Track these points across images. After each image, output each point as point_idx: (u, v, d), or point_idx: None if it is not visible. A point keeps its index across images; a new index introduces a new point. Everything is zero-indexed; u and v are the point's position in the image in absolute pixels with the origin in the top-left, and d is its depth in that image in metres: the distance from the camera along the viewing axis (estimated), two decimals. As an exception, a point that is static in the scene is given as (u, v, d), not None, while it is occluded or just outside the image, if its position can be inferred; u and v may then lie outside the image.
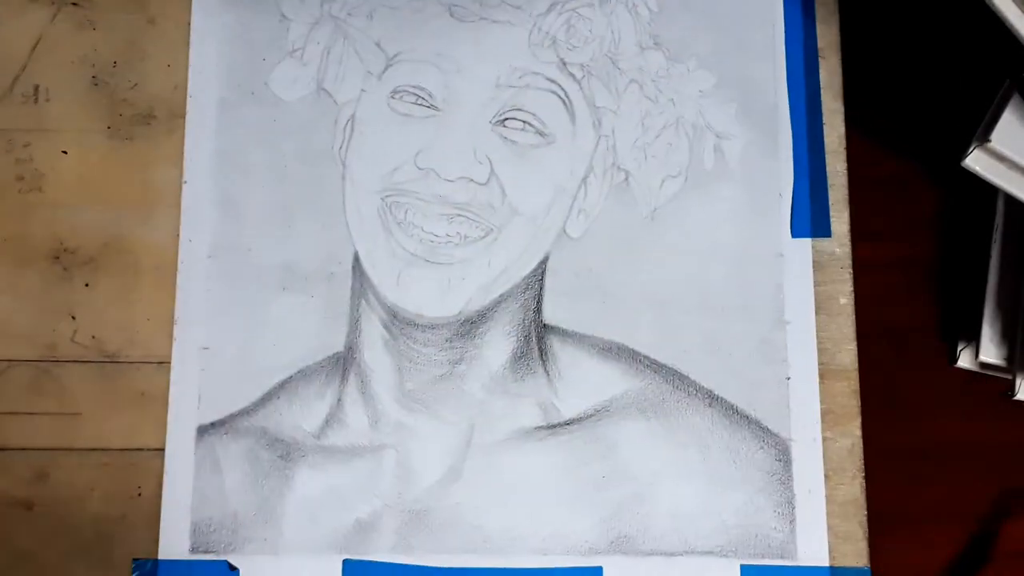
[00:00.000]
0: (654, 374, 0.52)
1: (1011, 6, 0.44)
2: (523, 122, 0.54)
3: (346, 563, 0.50)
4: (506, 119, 0.54)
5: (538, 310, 0.53)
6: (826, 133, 0.54)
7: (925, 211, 0.56)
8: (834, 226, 0.53)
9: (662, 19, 0.56)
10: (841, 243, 0.53)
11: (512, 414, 0.52)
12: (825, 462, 0.51)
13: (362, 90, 0.55)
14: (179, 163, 0.54)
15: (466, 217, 0.53)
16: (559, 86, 0.55)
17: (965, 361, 0.53)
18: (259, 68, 0.55)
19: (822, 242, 0.53)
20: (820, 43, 0.55)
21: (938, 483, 0.53)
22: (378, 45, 0.55)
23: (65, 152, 0.54)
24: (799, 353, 0.52)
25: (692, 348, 0.52)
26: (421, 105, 0.54)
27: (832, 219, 0.53)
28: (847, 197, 0.54)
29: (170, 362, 0.52)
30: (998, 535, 0.52)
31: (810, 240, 0.53)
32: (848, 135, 0.54)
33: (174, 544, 0.50)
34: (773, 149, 0.54)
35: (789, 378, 0.52)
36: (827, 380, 0.52)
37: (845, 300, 0.53)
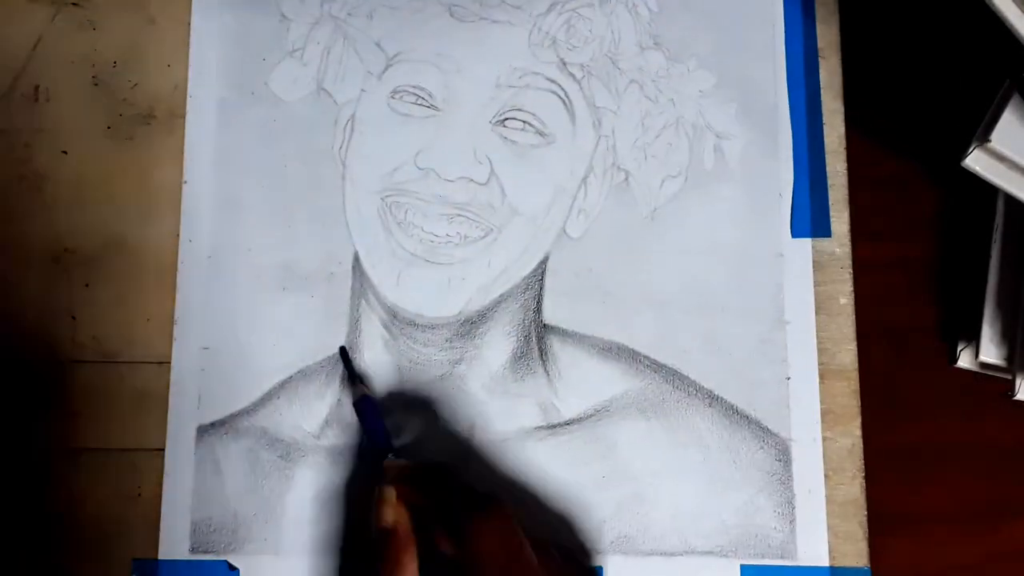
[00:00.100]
0: (654, 374, 0.52)
1: (1011, 6, 0.44)
2: (523, 122, 0.54)
3: (346, 563, 0.50)
4: (506, 119, 0.54)
5: (538, 310, 0.53)
6: (826, 133, 0.54)
7: (925, 211, 0.56)
8: (834, 226, 0.53)
9: (662, 19, 0.56)
10: (841, 243, 0.53)
11: (512, 414, 0.52)
12: (825, 462, 0.51)
13: (362, 90, 0.55)
14: (179, 163, 0.54)
15: (466, 217, 0.53)
16: (559, 86, 0.54)
17: (965, 361, 0.53)
18: (259, 68, 0.55)
19: (822, 242, 0.53)
20: (820, 43, 0.55)
21: (938, 483, 0.53)
22: (378, 45, 0.55)
23: (65, 152, 0.54)
24: (799, 353, 0.52)
25: (692, 348, 0.52)
26: (421, 105, 0.54)
27: (832, 219, 0.53)
28: (847, 197, 0.54)
29: (170, 362, 0.52)
30: (998, 535, 0.52)
31: (810, 240, 0.53)
32: (848, 135, 0.54)
33: (174, 544, 0.50)
34: (773, 149, 0.54)
35: (789, 378, 0.52)
36: (827, 380, 0.52)
37: (845, 300, 0.53)
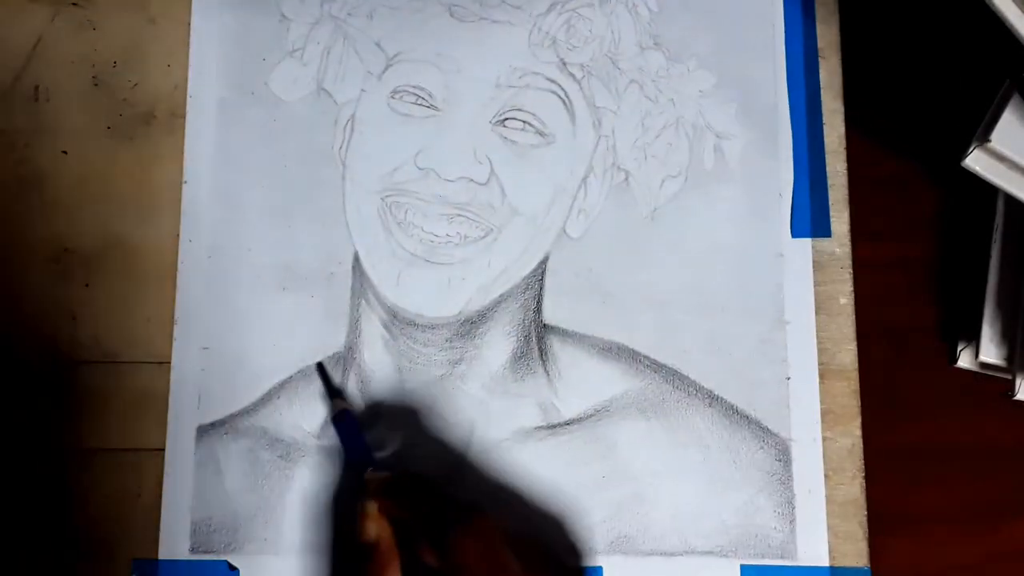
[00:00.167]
0: (654, 374, 0.52)
1: (1011, 6, 0.44)
2: (523, 122, 0.54)
3: (346, 563, 0.50)
4: (506, 119, 0.54)
5: (538, 310, 0.53)
6: (826, 133, 0.54)
7: (925, 211, 0.56)
8: (834, 226, 0.53)
9: (662, 19, 0.56)
10: (841, 243, 0.53)
11: (512, 414, 0.52)
12: (825, 462, 0.51)
13: (362, 90, 0.55)
14: (179, 163, 0.54)
15: (466, 217, 0.53)
16: (559, 86, 0.54)
17: (965, 361, 0.53)
18: (259, 68, 0.55)
19: (822, 242, 0.53)
20: (820, 43, 0.55)
21: (938, 483, 0.53)
22: (378, 45, 0.55)
23: (65, 152, 0.54)
24: (799, 353, 0.52)
25: (692, 348, 0.52)
26: (421, 105, 0.54)
27: (832, 219, 0.53)
28: (847, 197, 0.54)
29: (170, 362, 0.52)
30: (998, 535, 0.52)
31: (810, 240, 0.53)
32: (848, 135, 0.54)
33: (174, 544, 0.50)
34: (773, 149, 0.54)
35: (789, 378, 0.52)
36: (827, 380, 0.52)
37: (845, 300, 0.53)
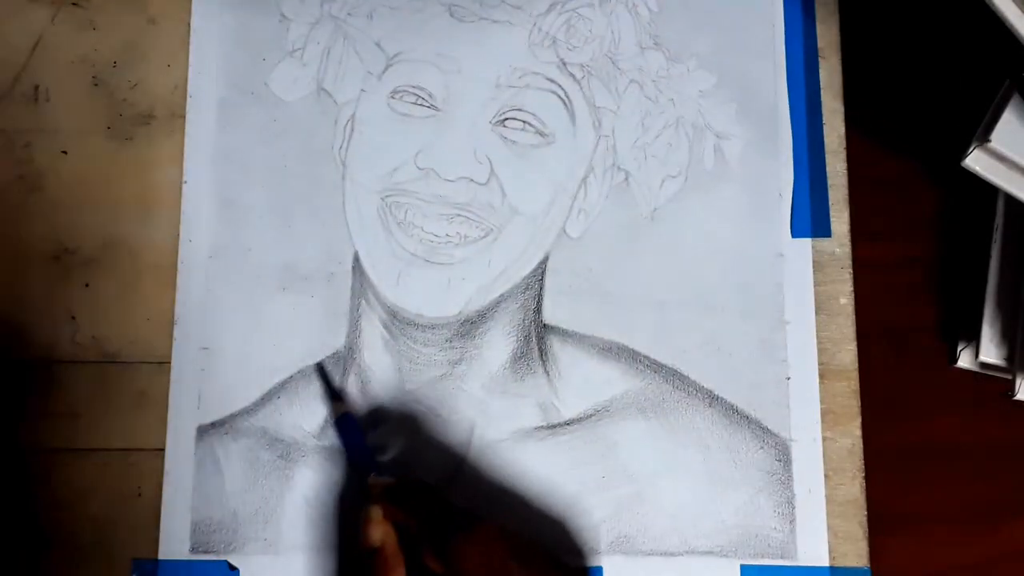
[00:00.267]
0: (654, 374, 0.52)
1: (1011, 6, 0.44)
2: (523, 122, 0.54)
3: (346, 563, 0.50)
4: (506, 119, 0.54)
5: (538, 310, 0.53)
6: (826, 133, 0.54)
7: (925, 211, 0.56)
8: (834, 226, 0.53)
9: (662, 19, 0.56)
10: (841, 243, 0.53)
11: (512, 414, 0.52)
12: (825, 462, 0.51)
13: (362, 90, 0.55)
14: (179, 163, 0.54)
15: (466, 217, 0.53)
16: (559, 86, 0.54)
17: (965, 361, 0.53)
18: (259, 68, 0.55)
19: (822, 242, 0.53)
20: (820, 43, 0.55)
21: (938, 483, 0.53)
22: (378, 45, 0.55)
23: (65, 152, 0.54)
24: (799, 353, 0.52)
25: (692, 348, 0.52)
26: (421, 105, 0.54)
27: (832, 219, 0.53)
28: (847, 197, 0.54)
29: (170, 362, 0.52)
30: (998, 535, 0.52)
31: (810, 240, 0.53)
32: (848, 135, 0.54)
33: (174, 544, 0.50)
34: (773, 149, 0.54)
35: (789, 378, 0.52)
36: (827, 380, 0.52)
37: (845, 300, 0.53)
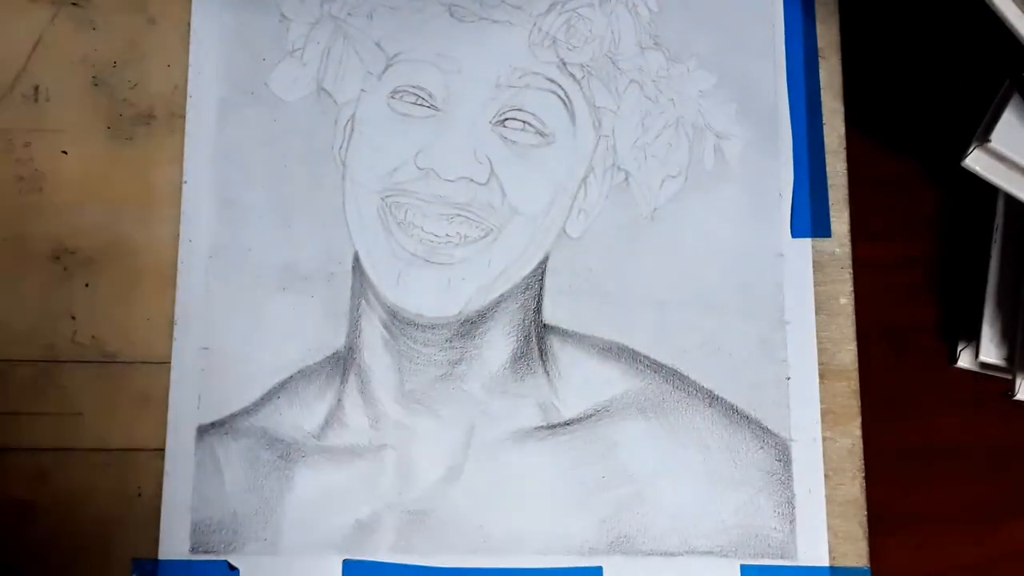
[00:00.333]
0: (654, 374, 0.52)
1: (1011, 6, 0.44)
2: (523, 122, 0.54)
3: (346, 563, 0.50)
4: (506, 119, 0.54)
5: (538, 310, 0.53)
6: (826, 133, 0.54)
7: (925, 211, 0.56)
8: (834, 226, 0.53)
9: (662, 19, 0.56)
10: (841, 243, 0.53)
11: (512, 414, 0.52)
12: (825, 462, 0.51)
13: (362, 90, 0.55)
14: (179, 163, 0.54)
15: (466, 217, 0.53)
16: (559, 86, 0.55)
17: (965, 361, 0.53)
18: (259, 68, 0.55)
19: (822, 242, 0.53)
20: (820, 43, 0.55)
21: (938, 483, 0.53)
22: (378, 45, 0.55)
23: (65, 152, 0.54)
24: (799, 353, 0.52)
25: (692, 348, 0.52)
26: (421, 105, 0.54)
27: (832, 219, 0.53)
28: (847, 197, 0.54)
29: (170, 362, 0.52)
30: (998, 535, 0.52)
31: (810, 240, 0.53)
32: (848, 135, 0.54)
33: (174, 544, 0.50)
34: (773, 149, 0.54)
35: (789, 378, 0.52)
36: (827, 380, 0.52)
37: (845, 300, 0.53)
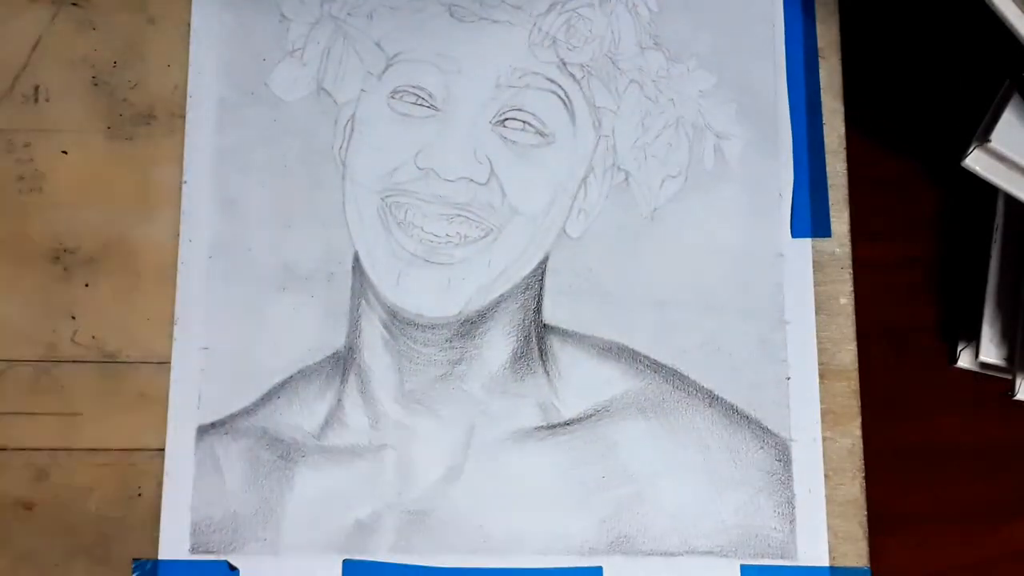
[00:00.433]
0: (654, 374, 0.52)
1: (1011, 6, 0.44)
2: (523, 122, 0.54)
3: (346, 563, 0.50)
4: (506, 119, 0.54)
5: (538, 310, 0.53)
6: (826, 133, 0.54)
7: (925, 211, 0.56)
8: (834, 226, 0.53)
9: (662, 19, 0.56)
10: (841, 243, 0.53)
11: (512, 414, 0.52)
12: (825, 462, 0.51)
13: (362, 90, 0.55)
14: (179, 163, 0.54)
15: (466, 217, 0.53)
16: (559, 86, 0.54)
17: (965, 361, 0.53)
18: (259, 68, 0.55)
19: (822, 242, 0.53)
20: (820, 43, 0.55)
21: (938, 483, 0.53)
22: (378, 45, 0.55)
23: (65, 152, 0.54)
24: (799, 353, 0.52)
25: (692, 348, 0.52)
26: (421, 105, 0.54)
27: (832, 219, 0.53)
28: (847, 197, 0.54)
29: (170, 362, 0.52)
30: (998, 535, 0.52)
31: (810, 240, 0.53)
32: (848, 135, 0.54)
33: (174, 544, 0.50)
34: (773, 149, 0.54)
35: (789, 378, 0.52)
36: (827, 380, 0.52)
37: (845, 300, 0.53)
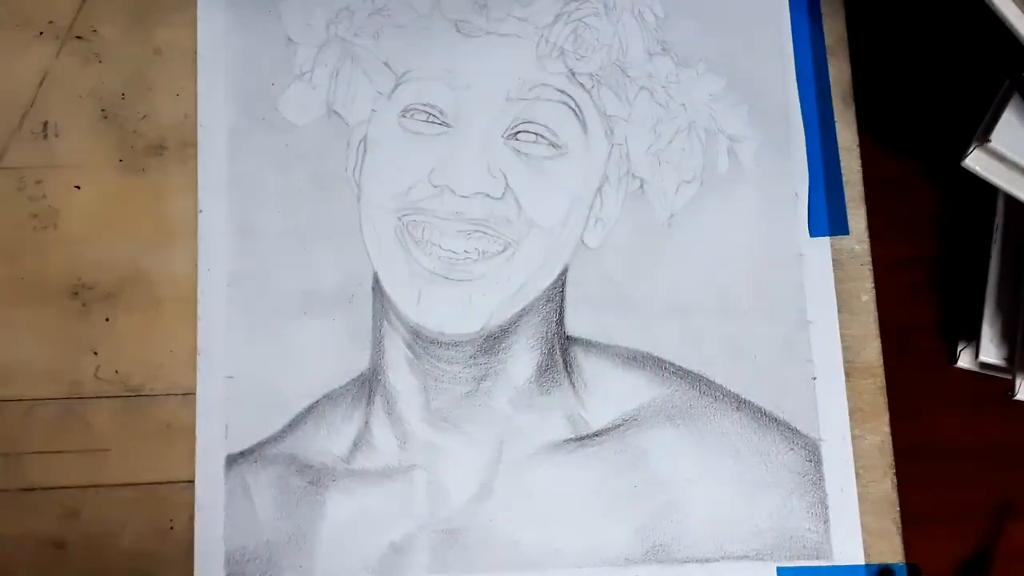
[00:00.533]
0: (680, 381, 0.52)
1: (1011, 6, 0.44)
2: (535, 134, 0.54)
3: (381, 586, 0.50)
4: (518, 132, 0.54)
5: (560, 322, 0.53)
6: (838, 130, 0.54)
7: (925, 211, 0.56)
8: (851, 223, 0.53)
9: (668, 24, 0.56)
10: (860, 240, 0.53)
11: (540, 428, 0.52)
12: (856, 460, 0.51)
13: (372, 110, 0.55)
14: (193, 192, 0.54)
15: (483, 232, 0.53)
16: (569, 96, 0.54)
17: (965, 361, 0.53)
18: (268, 93, 0.55)
19: (841, 240, 0.53)
20: (828, 40, 0.55)
21: (938, 483, 0.53)
22: (386, 64, 0.55)
23: (78, 187, 0.54)
24: (824, 352, 0.52)
25: (716, 353, 0.52)
26: (432, 123, 0.54)
27: (849, 216, 0.54)
28: (863, 194, 0.54)
29: (195, 393, 0.52)
30: (999, 535, 0.52)
31: (829, 238, 0.53)
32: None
33: (209, 575, 0.50)
34: (786, 149, 0.54)
35: (815, 378, 0.52)
36: (853, 378, 0.52)
37: (867, 297, 0.53)
